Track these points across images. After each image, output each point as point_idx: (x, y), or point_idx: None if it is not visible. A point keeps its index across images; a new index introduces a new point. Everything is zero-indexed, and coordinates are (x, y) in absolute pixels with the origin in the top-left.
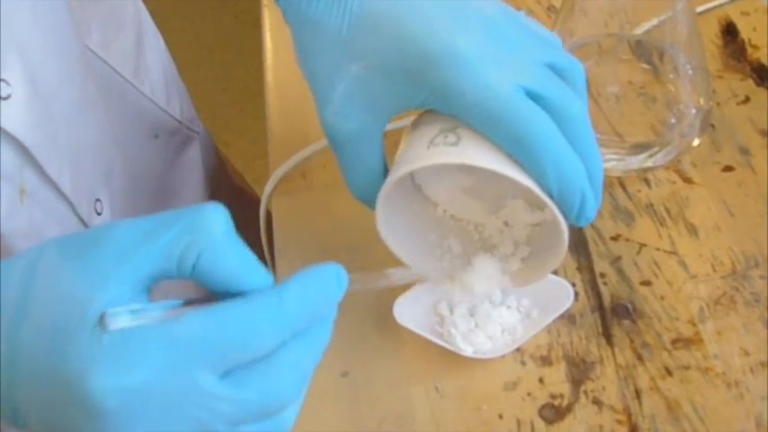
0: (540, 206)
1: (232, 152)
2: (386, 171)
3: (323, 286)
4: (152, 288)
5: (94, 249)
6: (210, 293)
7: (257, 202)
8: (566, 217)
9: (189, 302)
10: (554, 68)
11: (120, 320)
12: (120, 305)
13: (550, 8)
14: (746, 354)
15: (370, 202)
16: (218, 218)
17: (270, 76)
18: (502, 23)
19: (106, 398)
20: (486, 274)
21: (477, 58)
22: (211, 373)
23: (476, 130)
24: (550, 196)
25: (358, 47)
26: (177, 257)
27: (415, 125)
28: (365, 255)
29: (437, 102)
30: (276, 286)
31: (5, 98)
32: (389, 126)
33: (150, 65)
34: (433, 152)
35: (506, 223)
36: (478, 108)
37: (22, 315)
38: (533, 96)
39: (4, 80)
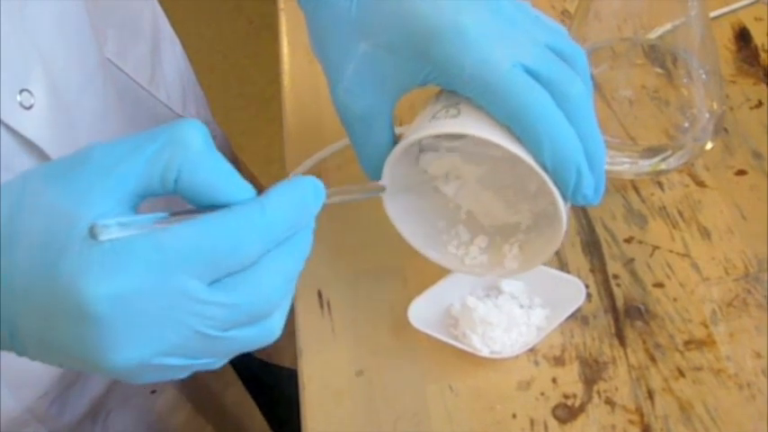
0: (543, 190)
1: (246, 156)
2: None
3: (302, 197)
4: (139, 206)
5: (78, 169)
6: (195, 208)
7: None
8: (564, 196)
9: (174, 215)
10: (556, 52)
11: (109, 231)
12: (107, 219)
13: (564, 13)
14: (759, 356)
15: (378, 178)
16: (195, 133)
17: (286, 79)
18: (504, 4)
19: (98, 304)
20: (488, 258)
21: (478, 34)
22: (199, 280)
23: (478, 106)
24: (546, 170)
25: (366, 25)
26: (159, 173)
27: (426, 104)
28: (381, 254)
29: (440, 76)
30: (257, 197)
31: (28, 108)
32: (398, 130)
33: (167, 71)
34: (434, 123)
35: (511, 212)
36: (477, 81)
37: (12, 238)
38: (532, 74)
39: (27, 90)
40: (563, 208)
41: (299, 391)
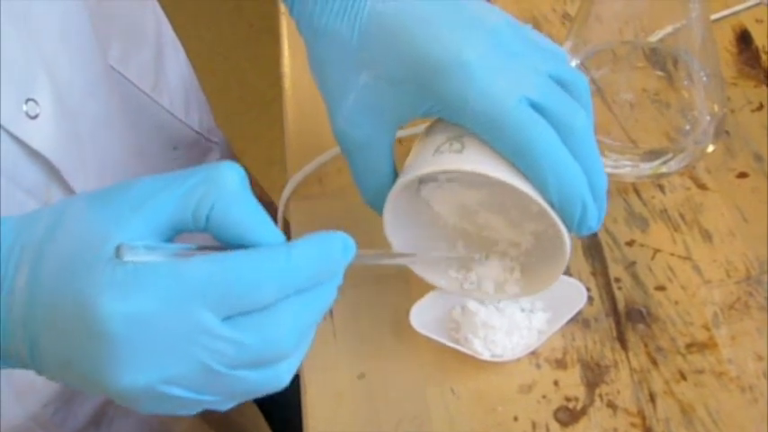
0: (544, 215)
1: (247, 159)
2: (396, 177)
3: (329, 250)
4: (172, 240)
5: (116, 197)
6: (224, 246)
7: (275, 210)
8: (568, 228)
9: (202, 248)
10: (558, 80)
11: (135, 253)
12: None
13: (565, 16)
14: (760, 358)
15: (380, 207)
16: (232, 174)
17: (287, 83)
18: (507, 34)
19: (112, 322)
20: (491, 282)
21: (482, 69)
22: (213, 314)
23: (482, 139)
24: (551, 205)
25: (367, 56)
26: (192, 208)
27: (426, 133)
28: None
29: (443, 110)
30: (285, 243)
31: (34, 117)
32: (400, 133)
33: (170, 77)
34: (438, 159)
35: (512, 234)
36: (482, 117)
37: (44, 250)
38: (536, 107)
39: (33, 100)
40: (567, 241)
41: (300, 394)
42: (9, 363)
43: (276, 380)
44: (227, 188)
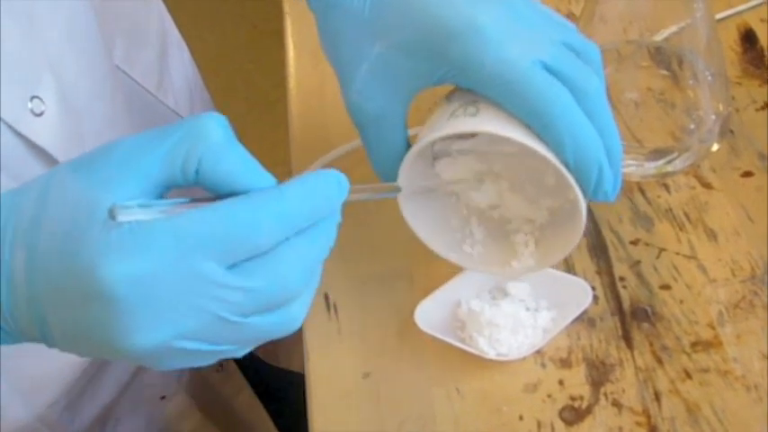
0: (560, 187)
1: None
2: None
3: (324, 187)
4: (164, 196)
5: (101, 160)
6: (217, 197)
7: None
8: (584, 193)
9: (196, 201)
10: (570, 48)
11: (129, 212)
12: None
13: (570, 15)
14: (765, 357)
15: (393, 180)
16: (216, 124)
17: (292, 82)
18: (519, 3)
19: (116, 286)
20: (505, 256)
21: (496, 33)
22: (217, 264)
23: (496, 103)
24: (567, 168)
25: (380, 26)
26: (180, 164)
27: (440, 104)
28: (387, 257)
29: (457, 75)
30: (278, 185)
31: (39, 115)
32: (410, 132)
33: (174, 76)
34: (453, 122)
35: (528, 211)
36: (497, 80)
37: (37, 226)
38: (551, 71)
39: (38, 97)
40: (583, 204)
41: (305, 395)
42: (25, 339)
43: (290, 321)
44: (212, 140)
